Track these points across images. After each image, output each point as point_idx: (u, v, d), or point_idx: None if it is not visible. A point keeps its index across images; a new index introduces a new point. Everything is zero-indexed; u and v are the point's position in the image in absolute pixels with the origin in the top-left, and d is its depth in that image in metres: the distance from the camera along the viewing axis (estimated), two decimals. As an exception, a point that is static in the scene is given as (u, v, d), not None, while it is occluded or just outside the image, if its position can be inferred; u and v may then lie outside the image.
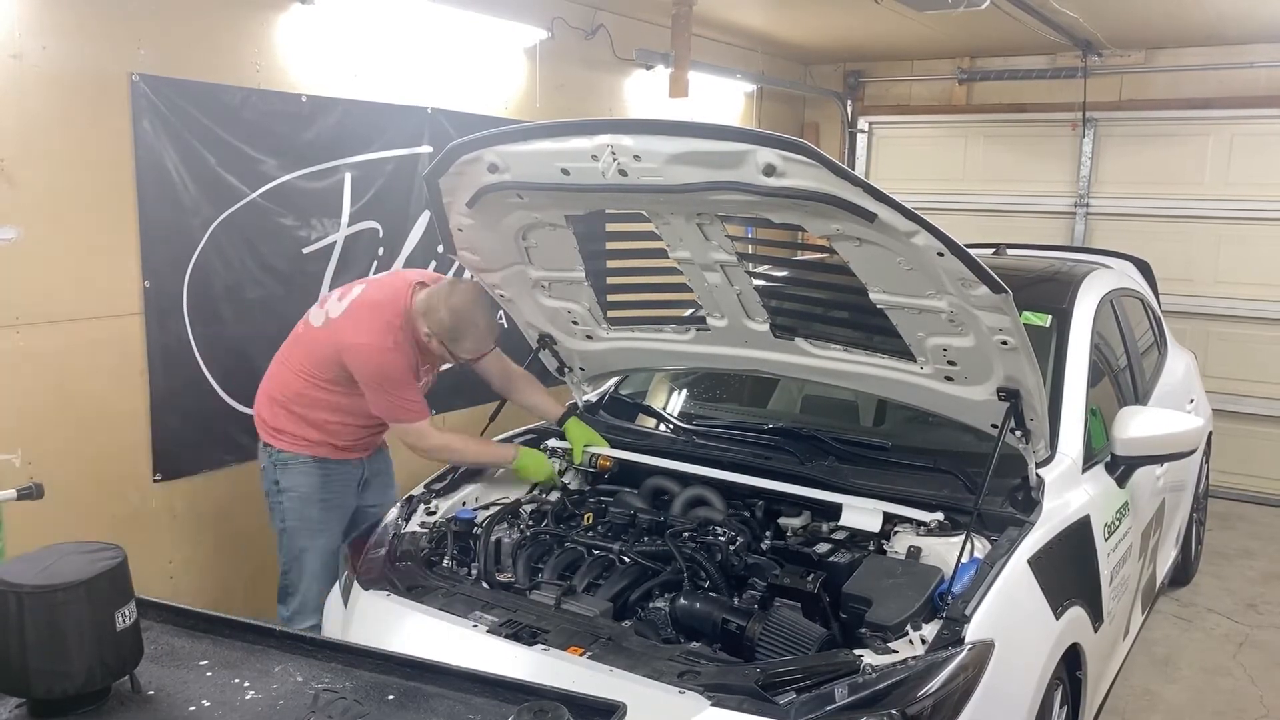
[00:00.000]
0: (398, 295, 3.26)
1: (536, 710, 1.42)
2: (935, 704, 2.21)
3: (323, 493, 3.39)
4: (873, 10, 5.27)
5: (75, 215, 3.35)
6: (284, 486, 3.38)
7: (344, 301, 3.30)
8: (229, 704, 1.53)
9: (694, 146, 2.41)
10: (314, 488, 3.38)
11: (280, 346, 3.46)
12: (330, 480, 3.41)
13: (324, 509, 3.40)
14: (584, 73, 5.54)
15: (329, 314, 3.30)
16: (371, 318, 3.21)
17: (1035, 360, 2.72)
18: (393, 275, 3.51)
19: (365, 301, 3.27)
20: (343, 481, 3.46)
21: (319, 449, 3.37)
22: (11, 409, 3.24)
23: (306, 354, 3.32)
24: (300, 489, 3.37)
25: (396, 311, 3.22)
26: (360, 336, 3.18)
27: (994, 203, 7.27)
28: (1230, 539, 5.93)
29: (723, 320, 3.18)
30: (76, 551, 1.53)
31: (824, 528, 3.02)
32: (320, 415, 3.33)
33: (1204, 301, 6.61)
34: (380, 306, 3.24)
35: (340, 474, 3.44)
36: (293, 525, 3.41)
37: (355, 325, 3.21)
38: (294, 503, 3.38)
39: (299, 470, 3.37)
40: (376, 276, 3.52)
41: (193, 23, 3.63)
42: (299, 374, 3.32)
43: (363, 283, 3.42)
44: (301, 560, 3.42)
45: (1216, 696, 4.13)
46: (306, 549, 3.41)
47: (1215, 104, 6.48)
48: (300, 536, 3.41)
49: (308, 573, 3.41)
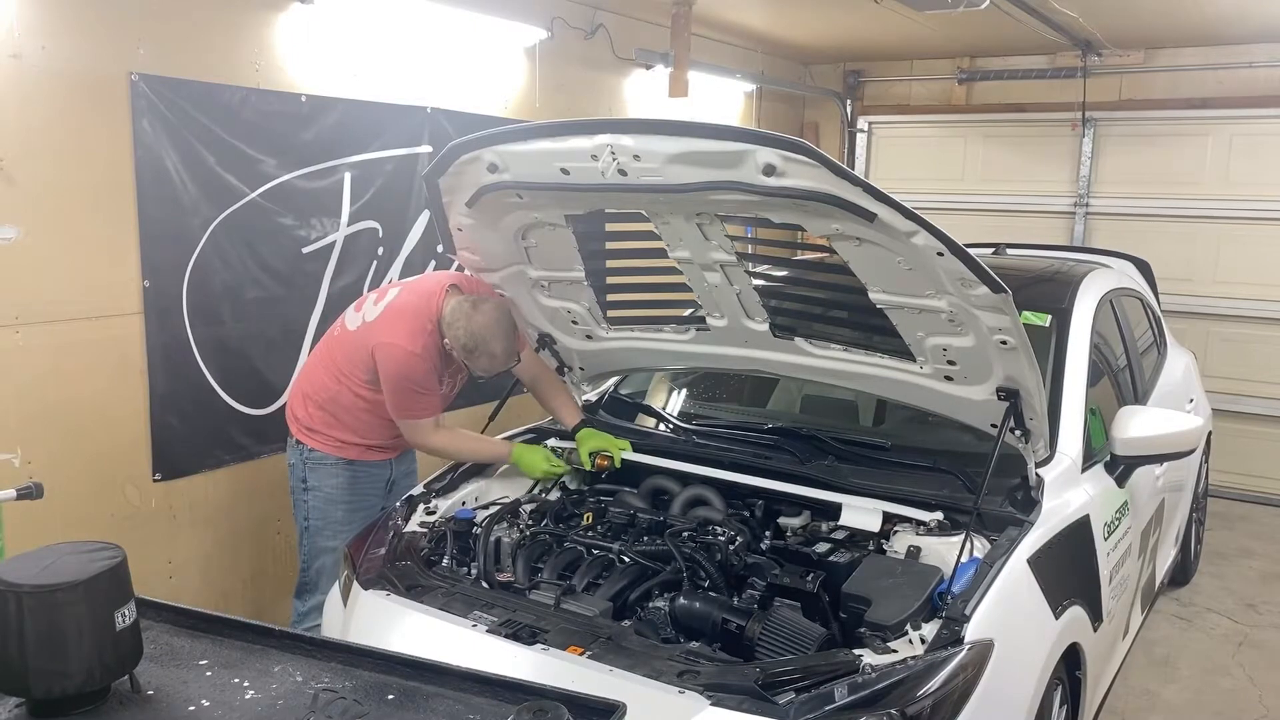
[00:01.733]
0: (430, 299, 3.28)
1: (536, 710, 1.42)
2: (935, 704, 2.21)
3: (349, 494, 3.42)
4: (873, 10, 5.27)
5: (75, 215, 3.35)
6: (310, 485, 3.41)
7: (379, 305, 3.33)
8: (228, 704, 1.52)
9: (694, 146, 2.41)
10: (341, 489, 3.40)
11: (315, 346, 3.55)
12: (358, 482, 3.43)
13: (349, 510, 3.42)
14: (584, 72, 5.54)
15: (365, 318, 3.34)
16: (405, 321, 3.24)
17: (1035, 360, 2.72)
18: (426, 278, 3.53)
19: (399, 306, 3.30)
20: (371, 483, 3.48)
21: (349, 450, 3.40)
22: (11, 408, 3.24)
23: (344, 356, 3.35)
24: (326, 489, 3.39)
25: (429, 316, 3.25)
26: (390, 337, 3.22)
27: (994, 203, 7.27)
28: (1230, 539, 5.93)
29: (722, 320, 3.18)
30: (76, 551, 1.52)
31: (824, 527, 3.01)
32: (353, 417, 3.36)
33: (1204, 301, 6.61)
34: (414, 312, 3.26)
35: (368, 475, 3.46)
36: (315, 524, 3.43)
37: (389, 327, 3.25)
38: (319, 502, 3.41)
39: (327, 470, 3.39)
40: (411, 280, 3.52)
41: (192, 22, 3.63)
42: (335, 375, 3.36)
43: (398, 285, 3.45)
44: (322, 559, 3.43)
45: (1216, 696, 4.14)
46: (327, 549, 3.42)
47: (1215, 104, 6.48)
48: (322, 536, 3.42)
49: (327, 573, 3.41)
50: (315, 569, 3.46)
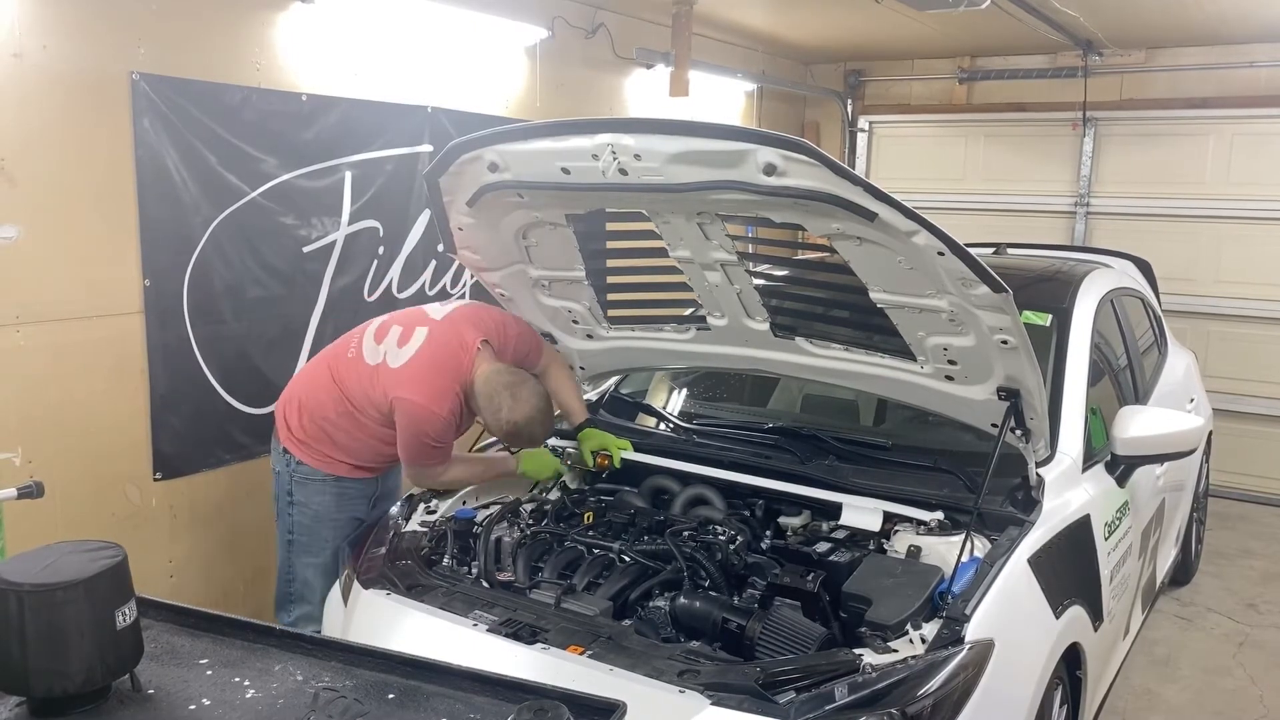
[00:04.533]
0: (459, 357, 3.15)
1: (536, 709, 1.42)
2: (935, 703, 2.21)
3: (335, 511, 3.33)
4: (873, 10, 5.27)
5: (75, 214, 3.35)
6: (297, 500, 3.32)
7: (404, 350, 3.18)
8: (229, 703, 1.53)
9: (694, 146, 2.41)
10: (328, 507, 3.32)
11: (319, 354, 3.42)
12: (344, 499, 3.34)
13: (334, 527, 3.34)
14: (584, 72, 5.54)
15: (386, 356, 3.19)
16: (432, 379, 3.11)
17: (1035, 359, 2.72)
18: (455, 330, 3.23)
19: (428, 361, 3.15)
20: (356, 499, 3.39)
21: (338, 467, 3.30)
22: (12, 408, 3.24)
23: (356, 388, 3.21)
24: (314, 506, 3.31)
25: (457, 378, 3.12)
26: (417, 395, 3.09)
27: (994, 202, 7.27)
28: (1230, 539, 5.93)
29: (723, 319, 3.18)
30: (76, 550, 1.53)
31: (824, 527, 3.02)
32: (351, 439, 3.26)
33: (1204, 301, 6.61)
34: (443, 370, 3.13)
35: (354, 491, 3.37)
36: (300, 540, 3.35)
37: (415, 383, 3.11)
38: (305, 518, 3.32)
39: (315, 487, 3.30)
40: (437, 322, 3.26)
41: (193, 21, 3.63)
42: (339, 400, 3.23)
43: (425, 325, 3.24)
44: (306, 574, 3.37)
45: (1216, 696, 4.13)
46: (311, 564, 3.36)
47: (1216, 103, 6.48)
48: (309, 553, 3.36)
49: (311, 585, 3.37)
50: (300, 582, 3.40)
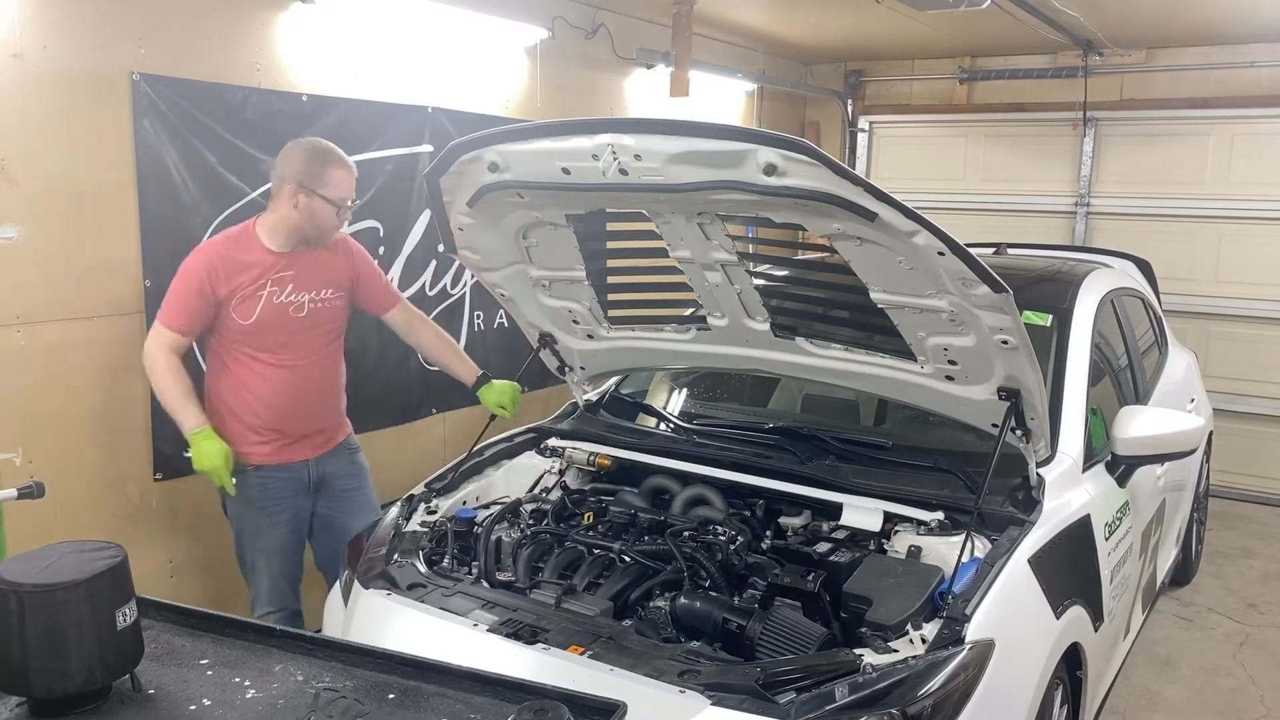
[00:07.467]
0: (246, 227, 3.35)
1: (537, 709, 1.42)
2: (935, 703, 2.21)
3: (261, 500, 3.35)
4: (873, 10, 5.27)
5: (76, 214, 3.35)
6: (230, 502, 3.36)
7: None
8: (229, 703, 1.53)
9: (695, 146, 2.41)
10: (251, 497, 3.33)
11: None
12: (267, 489, 3.35)
13: (264, 515, 3.36)
14: (585, 72, 5.54)
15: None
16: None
17: (1036, 360, 2.71)
18: None
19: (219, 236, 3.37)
20: (282, 488, 3.38)
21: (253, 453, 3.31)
22: (12, 408, 3.24)
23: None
24: (242, 494, 3.29)
25: (243, 227, 3.33)
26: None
27: (994, 202, 7.27)
28: (1231, 539, 5.93)
29: (723, 319, 3.18)
30: (77, 550, 1.52)
31: (824, 527, 3.02)
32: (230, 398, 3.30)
33: (1205, 301, 6.61)
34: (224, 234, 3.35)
35: (277, 478, 3.37)
36: (238, 529, 3.42)
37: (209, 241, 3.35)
38: (237, 506, 3.36)
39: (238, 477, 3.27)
40: None
41: (193, 22, 3.64)
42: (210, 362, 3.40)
43: None
44: (254, 564, 3.42)
45: (1217, 696, 4.14)
46: (260, 552, 3.40)
47: (1216, 103, 6.48)
48: (254, 546, 3.40)
49: (260, 571, 3.41)
50: (251, 573, 3.43)
